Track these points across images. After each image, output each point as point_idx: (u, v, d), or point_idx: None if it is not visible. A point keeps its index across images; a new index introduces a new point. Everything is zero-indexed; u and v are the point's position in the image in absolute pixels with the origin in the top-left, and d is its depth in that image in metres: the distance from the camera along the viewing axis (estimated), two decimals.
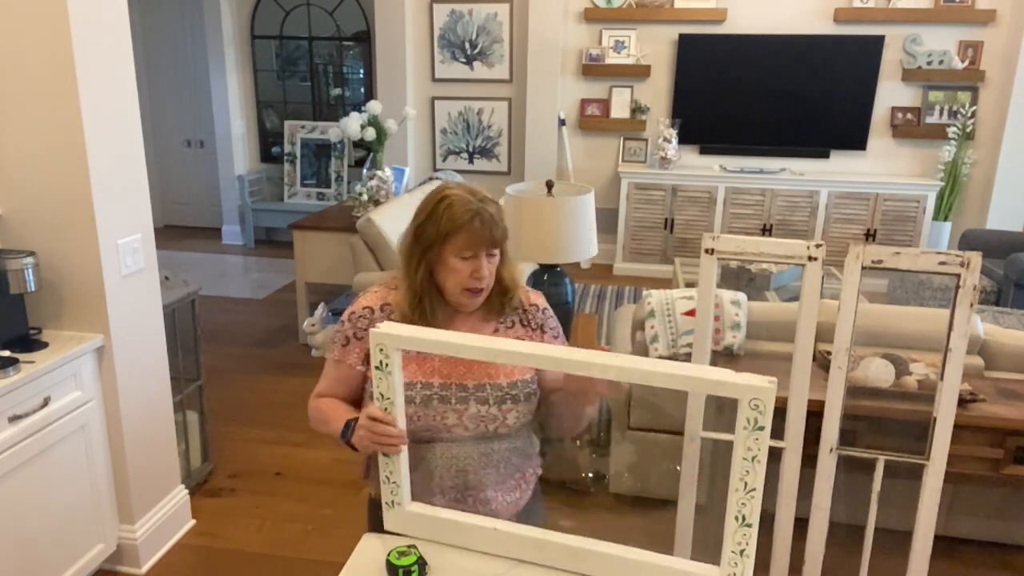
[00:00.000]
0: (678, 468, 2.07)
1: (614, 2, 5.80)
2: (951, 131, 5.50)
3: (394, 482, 1.38)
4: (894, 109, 5.69)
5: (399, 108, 5.41)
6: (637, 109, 5.98)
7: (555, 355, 1.21)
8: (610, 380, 1.33)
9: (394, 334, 1.29)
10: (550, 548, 1.31)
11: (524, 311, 1.52)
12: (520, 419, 1.45)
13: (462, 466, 1.43)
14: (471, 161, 6.33)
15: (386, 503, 1.41)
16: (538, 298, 1.55)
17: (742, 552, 1.16)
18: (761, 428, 1.09)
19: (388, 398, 1.33)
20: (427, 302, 1.42)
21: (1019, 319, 3.85)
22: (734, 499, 1.15)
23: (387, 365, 1.30)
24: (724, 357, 2.59)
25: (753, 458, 1.12)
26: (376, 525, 1.48)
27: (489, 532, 1.35)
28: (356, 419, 1.37)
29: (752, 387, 1.09)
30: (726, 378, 1.11)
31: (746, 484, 1.13)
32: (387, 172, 4.59)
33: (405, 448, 1.35)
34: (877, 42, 5.51)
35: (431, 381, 1.41)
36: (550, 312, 1.56)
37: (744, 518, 1.15)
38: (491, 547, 1.36)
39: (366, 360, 1.45)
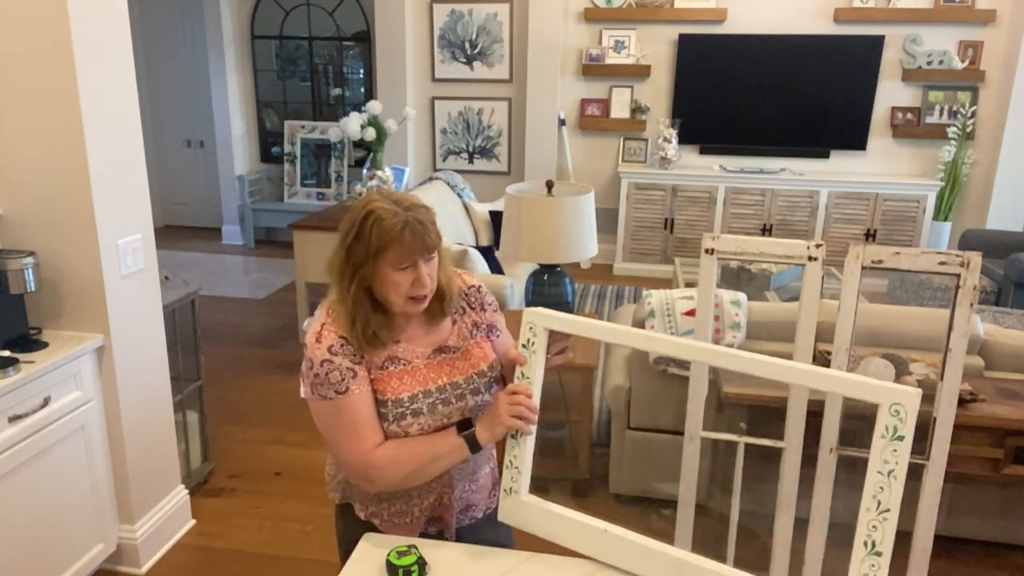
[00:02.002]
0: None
1: (614, 2, 5.80)
2: (951, 131, 5.50)
3: (516, 467, 1.36)
4: (894, 109, 5.69)
5: (399, 108, 5.41)
6: (637, 109, 5.98)
7: (713, 351, 1.24)
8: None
9: (545, 314, 1.34)
10: (654, 558, 1.26)
11: (465, 295, 1.52)
12: None
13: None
14: (471, 161, 6.33)
15: (504, 490, 1.39)
16: (470, 278, 1.55)
17: None
18: (901, 438, 1.00)
19: (528, 377, 1.36)
20: (362, 322, 1.36)
21: (1019, 319, 3.85)
22: (864, 520, 1.01)
23: (532, 343, 1.35)
24: None
25: (890, 472, 1.01)
26: (353, 539, 1.47)
27: (598, 533, 1.32)
28: (465, 421, 1.39)
29: (894, 391, 1.01)
30: (867, 382, 1.05)
31: (879, 503, 1.01)
32: (387, 172, 4.58)
33: (533, 433, 1.38)
34: (877, 42, 5.51)
35: (429, 388, 1.41)
36: (485, 289, 1.57)
37: (874, 544, 1.03)
38: (595, 549, 1.32)
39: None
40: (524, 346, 1.37)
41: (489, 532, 1.54)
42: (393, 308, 1.38)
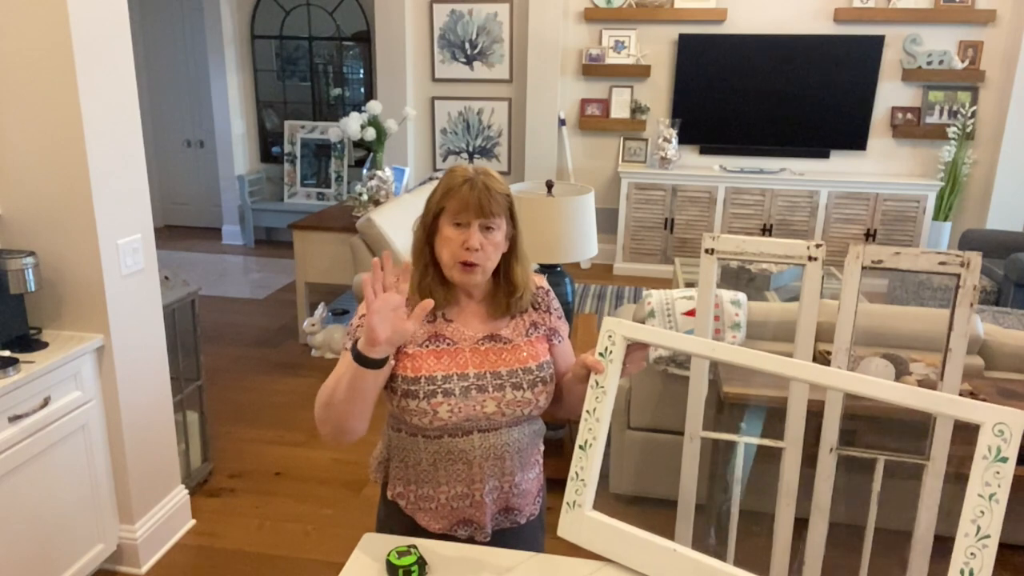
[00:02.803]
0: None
1: (614, 2, 5.80)
2: (951, 131, 5.50)
3: (582, 480, 1.30)
4: (894, 109, 5.69)
5: (399, 108, 5.41)
6: (637, 109, 5.98)
7: (812, 370, 1.21)
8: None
9: (626, 324, 1.32)
10: None
11: (533, 294, 1.51)
12: (548, 400, 1.47)
13: (500, 453, 1.44)
14: (471, 161, 6.33)
15: (566, 503, 1.32)
16: (542, 280, 1.55)
17: None
18: (1004, 459, 0.97)
19: (603, 387, 1.33)
20: (418, 272, 1.43)
21: (1019, 319, 3.85)
22: (961, 547, 0.96)
23: (610, 352, 1.33)
24: None
25: (991, 496, 0.96)
26: (390, 529, 1.49)
27: (667, 553, 1.25)
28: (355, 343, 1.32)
29: (999, 411, 0.99)
30: (971, 403, 1.03)
31: (979, 529, 0.96)
32: (387, 172, 4.59)
33: (601, 447, 1.33)
34: (877, 42, 5.51)
35: (466, 372, 1.40)
36: (553, 293, 1.56)
37: (972, 573, 0.97)
38: (664, 571, 1.23)
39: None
40: (601, 354, 1.34)
41: (528, 540, 1.52)
42: (444, 269, 1.41)
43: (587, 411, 1.35)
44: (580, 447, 1.31)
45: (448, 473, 1.43)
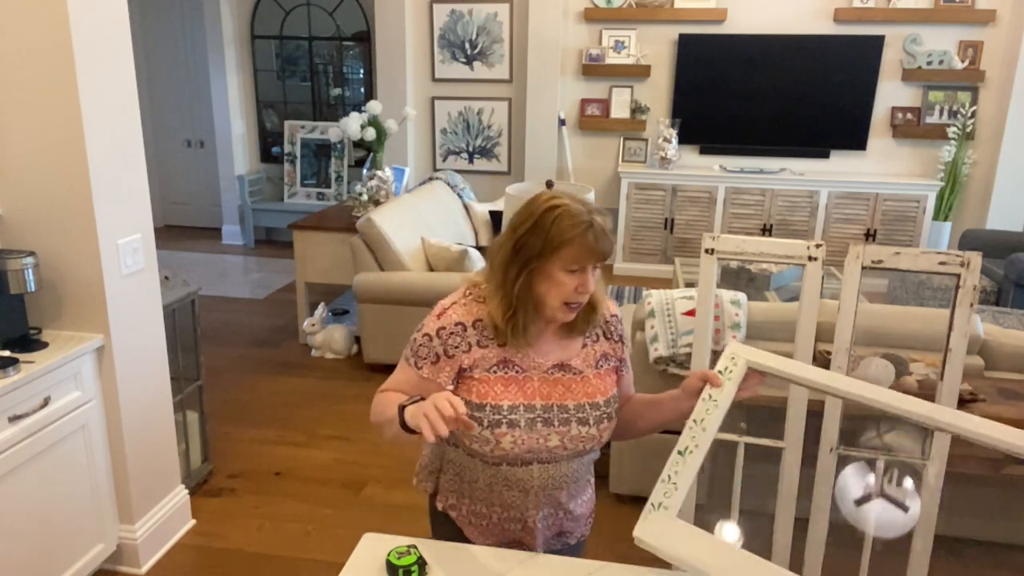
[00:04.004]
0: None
1: (614, 2, 5.80)
2: (951, 131, 5.50)
3: (673, 483, 1.25)
4: (894, 109, 5.69)
5: (399, 108, 5.41)
6: (637, 109, 5.98)
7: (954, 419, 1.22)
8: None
9: (752, 351, 1.32)
10: None
11: (606, 322, 1.47)
12: (610, 435, 1.44)
13: (557, 484, 1.42)
14: (471, 161, 6.33)
15: (652, 504, 1.22)
16: (614, 307, 1.51)
17: None
18: None
19: (715, 400, 1.31)
20: (521, 316, 1.34)
21: (1019, 319, 3.85)
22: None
23: (729, 372, 1.33)
24: None
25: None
26: (437, 531, 1.51)
27: (769, 572, 1.12)
28: (414, 400, 1.29)
29: None
30: None
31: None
32: (387, 172, 4.58)
33: (701, 457, 1.27)
34: (877, 42, 5.51)
35: (533, 403, 1.37)
36: (621, 320, 1.53)
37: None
38: None
39: (455, 378, 1.38)
40: (720, 372, 1.35)
41: (574, 555, 1.51)
42: (546, 310, 1.35)
43: (694, 420, 1.32)
44: (679, 452, 1.27)
45: (503, 497, 1.42)
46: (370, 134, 4.54)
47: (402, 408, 1.28)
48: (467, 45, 6.07)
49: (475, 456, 1.41)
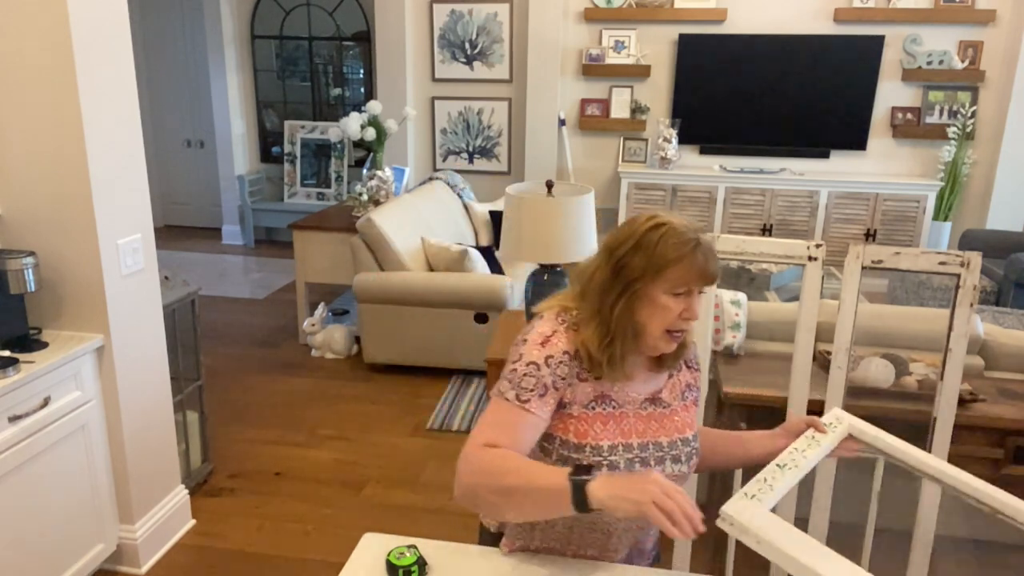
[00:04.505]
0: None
1: (614, 2, 5.80)
2: (951, 131, 5.50)
3: (769, 484, 1.19)
4: (894, 109, 5.69)
5: (399, 108, 5.41)
6: (637, 109, 5.98)
7: None
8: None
9: (858, 424, 1.31)
10: None
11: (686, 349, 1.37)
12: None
13: (641, 524, 1.34)
14: (471, 161, 6.33)
15: (745, 492, 1.18)
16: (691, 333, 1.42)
17: None
18: None
19: (802, 450, 1.25)
20: (619, 345, 1.23)
21: (1019, 319, 3.85)
22: None
23: (833, 427, 1.31)
24: (724, 357, 2.59)
25: None
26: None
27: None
28: (589, 467, 1.12)
29: None
30: None
31: None
32: (387, 172, 4.58)
33: (797, 476, 1.20)
34: (877, 42, 5.51)
35: (630, 442, 1.28)
36: (696, 345, 1.46)
37: None
38: None
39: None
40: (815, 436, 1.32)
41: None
42: (646, 339, 1.25)
43: (795, 447, 1.30)
44: (778, 465, 1.23)
45: (583, 539, 1.33)
46: (370, 134, 4.54)
47: (581, 482, 1.08)
48: (467, 45, 6.07)
49: None
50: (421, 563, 1.30)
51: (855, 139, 5.73)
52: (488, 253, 4.31)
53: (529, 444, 1.23)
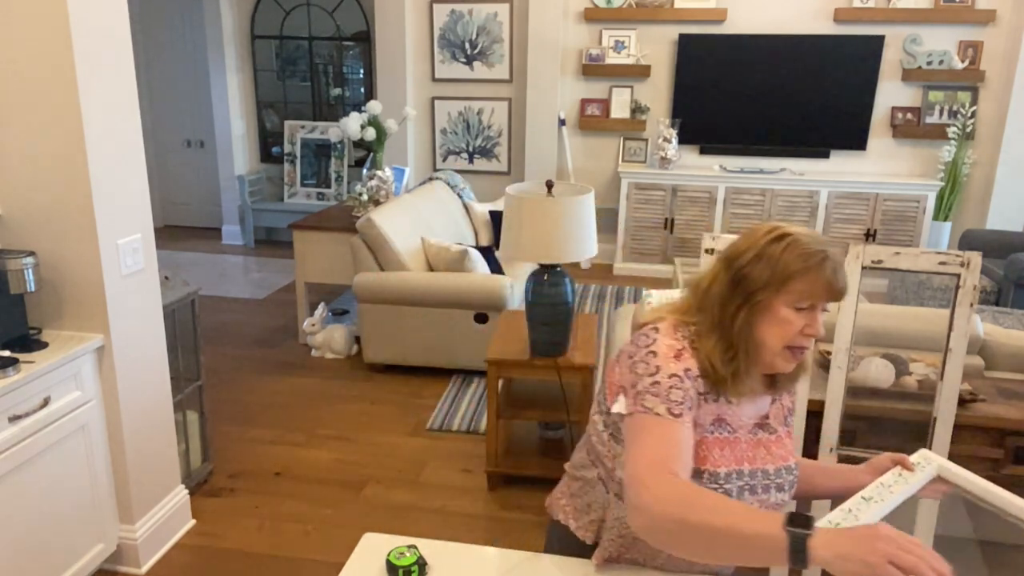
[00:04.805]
0: None
1: (614, 2, 5.80)
2: (951, 131, 5.50)
3: (854, 515, 1.14)
4: (894, 109, 5.69)
5: (399, 108, 5.41)
6: (637, 109, 5.98)
7: None
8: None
9: (947, 465, 1.26)
10: None
11: None
12: None
13: None
14: (471, 161, 6.33)
15: (828, 520, 1.13)
16: None
17: None
18: None
19: (889, 486, 1.21)
20: (742, 360, 1.19)
21: (1019, 319, 3.85)
22: None
23: (921, 466, 1.27)
24: None
25: None
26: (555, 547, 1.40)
27: None
28: (807, 516, 0.98)
29: None
30: None
31: None
32: (387, 172, 4.58)
33: (882, 510, 1.14)
34: (877, 42, 5.51)
35: (742, 469, 1.23)
36: None
37: None
38: None
39: None
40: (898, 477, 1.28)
41: None
42: (764, 355, 1.20)
43: (881, 483, 1.27)
44: (863, 498, 1.20)
45: (679, 564, 1.29)
46: (370, 134, 4.54)
47: (801, 536, 0.96)
48: (467, 45, 6.07)
49: None
50: (421, 563, 1.30)
51: (855, 139, 5.73)
52: (488, 253, 4.31)
53: (691, 455, 1.16)
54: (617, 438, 1.26)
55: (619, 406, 1.21)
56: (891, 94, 5.67)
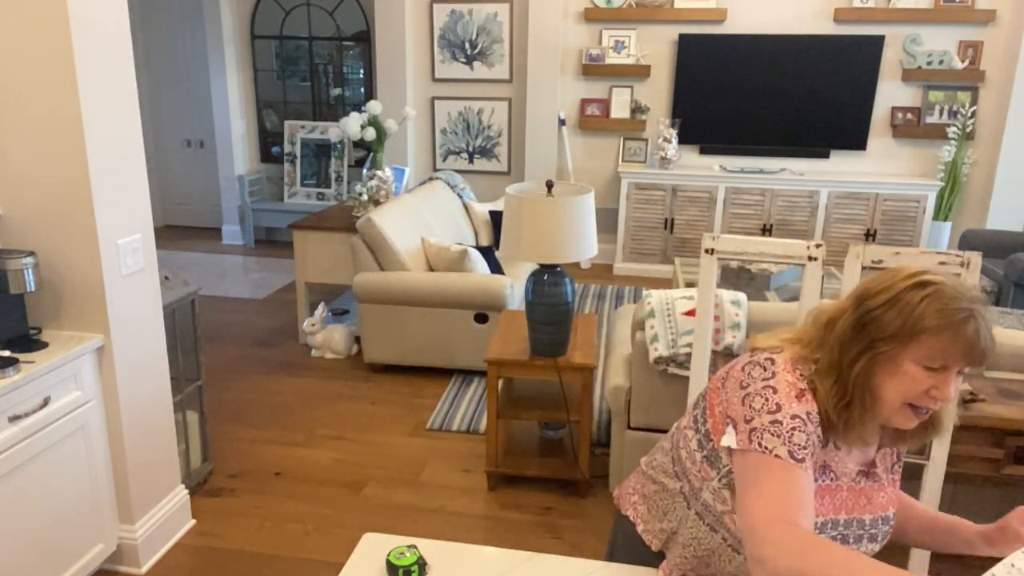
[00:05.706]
0: None
1: (614, 2, 5.80)
2: (951, 131, 5.50)
3: (1019, 568, 1.02)
4: (894, 109, 5.70)
5: (399, 108, 5.41)
6: (637, 109, 5.98)
7: None
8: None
9: None
10: None
11: None
12: None
13: None
14: (471, 161, 6.33)
15: (994, 573, 1.02)
16: None
17: None
18: None
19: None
20: (857, 409, 1.09)
21: (1019, 319, 3.85)
22: None
23: None
24: (724, 357, 2.59)
25: None
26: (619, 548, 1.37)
27: None
28: None
29: None
30: None
31: None
32: (387, 172, 4.59)
33: None
34: (877, 42, 5.51)
35: (838, 518, 1.16)
36: None
37: None
38: None
39: None
40: None
41: None
42: (880, 407, 1.10)
43: (1012, 563, 1.10)
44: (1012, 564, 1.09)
45: None
46: (370, 134, 4.54)
47: None
48: (467, 45, 6.07)
49: (739, 551, 1.17)
50: (421, 563, 1.30)
51: (855, 139, 5.73)
52: (488, 253, 4.31)
53: (812, 502, 1.06)
54: (712, 463, 1.18)
55: (729, 439, 1.12)
56: (891, 94, 5.68)
